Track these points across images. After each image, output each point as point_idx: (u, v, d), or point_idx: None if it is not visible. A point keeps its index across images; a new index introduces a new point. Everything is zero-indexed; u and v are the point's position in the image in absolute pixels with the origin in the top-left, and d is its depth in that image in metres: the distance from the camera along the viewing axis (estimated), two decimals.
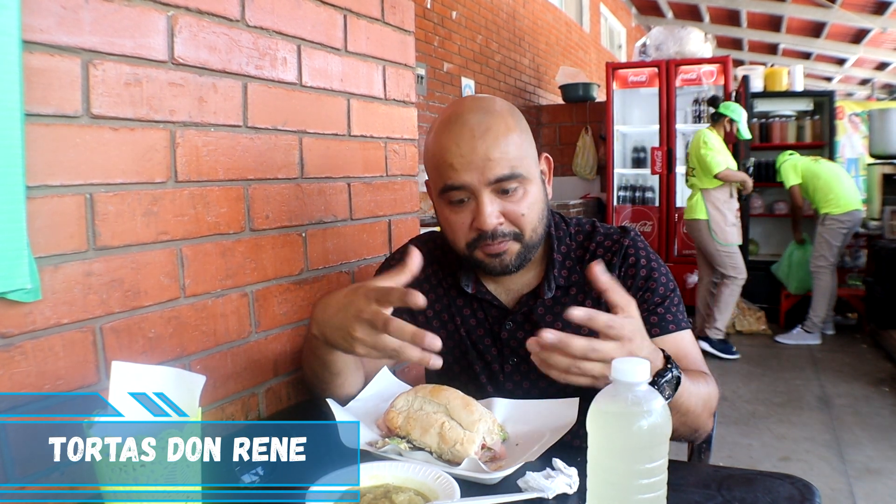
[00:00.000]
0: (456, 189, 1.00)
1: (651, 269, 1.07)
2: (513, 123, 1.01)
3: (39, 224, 0.81)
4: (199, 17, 1.02)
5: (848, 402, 3.57)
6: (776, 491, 0.81)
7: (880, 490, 2.61)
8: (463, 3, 5.47)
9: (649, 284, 1.06)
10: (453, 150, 0.98)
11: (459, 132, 0.99)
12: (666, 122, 5.59)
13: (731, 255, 4.22)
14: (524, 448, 0.93)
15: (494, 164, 0.97)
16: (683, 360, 1.02)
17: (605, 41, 10.50)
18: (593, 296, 1.06)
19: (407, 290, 0.81)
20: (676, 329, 1.04)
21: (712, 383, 1.00)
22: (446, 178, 1.00)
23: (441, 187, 1.02)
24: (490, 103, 1.03)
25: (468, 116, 0.99)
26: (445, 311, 1.15)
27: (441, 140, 1.00)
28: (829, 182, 4.47)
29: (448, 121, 1.01)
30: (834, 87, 11.28)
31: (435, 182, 1.04)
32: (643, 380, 0.66)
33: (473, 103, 1.02)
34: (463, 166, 0.98)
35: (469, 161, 0.98)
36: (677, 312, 1.05)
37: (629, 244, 1.09)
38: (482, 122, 0.99)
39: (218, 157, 1.06)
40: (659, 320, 1.04)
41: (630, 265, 1.07)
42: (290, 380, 1.23)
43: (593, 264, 0.81)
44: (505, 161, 0.98)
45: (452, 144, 0.99)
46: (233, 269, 1.10)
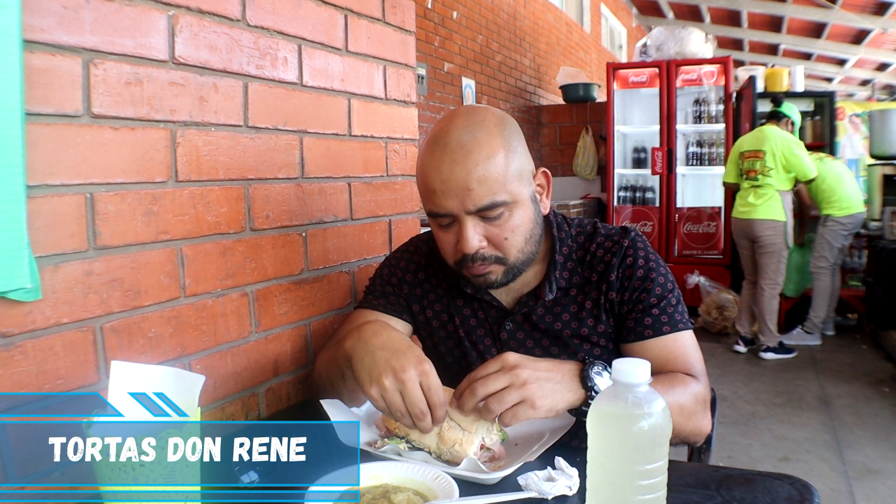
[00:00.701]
0: (440, 216, 1.00)
1: (649, 269, 1.06)
2: (499, 144, 0.98)
3: (40, 223, 0.81)
4: (200, 17, 1.02)
5: (848, 403, 3.57)
6: (775, 491, 0.81)
7: (880, 490, 2.61)
8: (463, 3, 5.47)
9: (646, 285, 1.05)
10: (434, 176, 0.97)
11: (440, 156, 0.97)
12: (666, 123, 5.59)
13: (785, 259, 4.27)
14: (524, 448, 0.93)
15: (474, 194, 0.96)
16: (672, 363, 1.02)
17: (606, 41, 10.50)
18: (592, 296, 1.07)
19: (429, 416, 0.86)
20: (671, 331, 1.03)
21: (697, 385, 0.99)
22: (430, 203, 1.00)
23: (427, 211, 1.02)
24: (478, 120, 0.99)
25: (451, 137, 0.97)
26: (445, 312, 1.15)
27: (425, 161, 0.99)
28: (833, 184, 4.46)
29: (433, 141, 0.99)
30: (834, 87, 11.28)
31: (422, 202, 1.04)
32: (643, 381, 0.66)
33: (460, 121, 0.99)
34: (444, 193, 0.97)
35: (449, 188, 0.96)
36: (674, 314, 1.04)
37: (628, 245, 1.08)
38: (465, 146, 0.96)
39: (218, 156, 1.06)
40: (653, 322, 1.04)
41: (627, 265, 1.07)
42: (290, 380, 1.23)
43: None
44: (486, 189, 0.96)
45: (434, 169, 0.97)
46: (233, 269, 1.10)
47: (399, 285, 1.17)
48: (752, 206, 4.22)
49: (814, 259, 4.60)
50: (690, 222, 5.70)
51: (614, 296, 1.06)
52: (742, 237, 4.37)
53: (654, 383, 0.94)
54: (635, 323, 1.04)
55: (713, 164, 5.68)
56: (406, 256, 1.20)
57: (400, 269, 1.18)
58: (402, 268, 1.19)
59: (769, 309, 4.28)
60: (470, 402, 0.87)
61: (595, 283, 1.08)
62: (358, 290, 1.39)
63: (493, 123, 0.99)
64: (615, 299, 1.06)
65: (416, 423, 0.86)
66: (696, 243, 5.67)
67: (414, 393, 0.84)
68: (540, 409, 0.86)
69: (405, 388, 0.84)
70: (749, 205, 4.24)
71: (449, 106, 5.26)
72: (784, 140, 4.15)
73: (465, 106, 1.03)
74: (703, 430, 1.00)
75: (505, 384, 0.86)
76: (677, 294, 1.07)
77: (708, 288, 5.13)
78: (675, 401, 0.93)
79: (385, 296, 1.17)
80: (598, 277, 1.07)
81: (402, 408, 0.85)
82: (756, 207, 4.20)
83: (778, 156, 4.14)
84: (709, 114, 5.64)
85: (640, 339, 1.04)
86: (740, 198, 4.35)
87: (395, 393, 0.85)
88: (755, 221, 4.20)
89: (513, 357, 0.89)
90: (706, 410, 1.01)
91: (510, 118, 1.04)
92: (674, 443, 0.96)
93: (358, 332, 0.92)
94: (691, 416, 0.97)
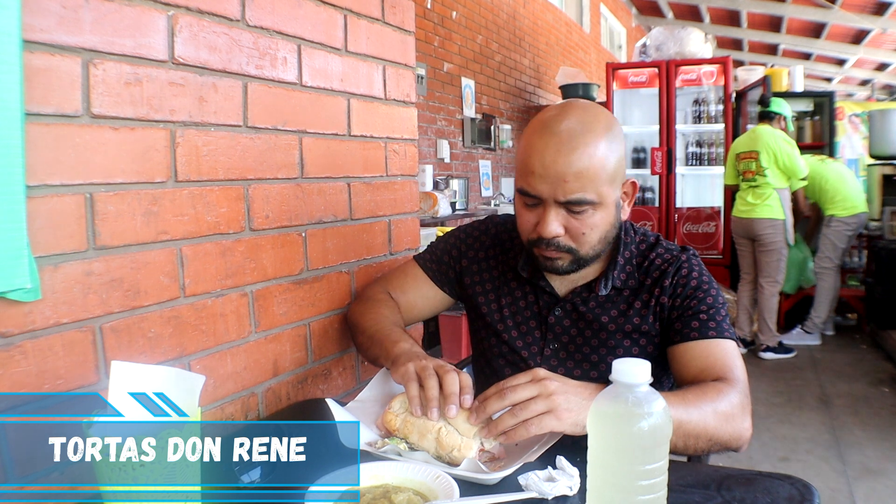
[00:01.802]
0: (529, 195, 1.05)
1: (702, 281, 1.10)
2: (604, 146, 1.02)
3: (39, 223, 0.81)
4: (200, 17, 1.02)
5: (848, 403, 3.57)
6: (776, 491, 0.81)
7: (880, 490, 2.61)
8: (463, 4, 5.47)
9: (697, 294, 1.09)
10: (536, 158, 1.01)
11: (548, 141, 1.01)
12: (666, 123, 5.59)
13: (785, 257, 4.27)
14: (524, 448, 0.93)
15: (568, 186, 1.00)
16: (712, 367, 1.02)
17: (606, 41, 10.51)
18: (643, 298, 1.12)
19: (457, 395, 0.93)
20: (717, 336, 1.04)
21: (732, 390, 0.98)
22: (524, 182, 1.05)
23: (518, 187, 1.07)
24: (590, 118, 1.03)
25: (563, 126, 1.01)
26: (494, 292, 1.23)
27: (532, 142, 1.03)
28: (836, 184, 4.46)
29: (544, 125, 1.03)
30: (834, 87, 11.28)
31: (517, 176, 1.08)
32: (643, 381, 0.66)
33: (576, 113, 1.03)
34: (540, 176, 1.01)
35: (547, 174, 1.01)
36: (722, 322, 1.06)
37: (685, 260, 1.13)
38: (573, 139, 1.00)
39: (218, 156, 1.06)
40: (700, 325, 1.06)
41: (682, 276, 1.11)
42: (290, 380, 1.23)
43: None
44: (579, 185, 1.00)
45: (539, 151, 1.02)
46: (233, 269, 1.10)
47: (458, 258, 1.28)
48: (751, 205, 4.24)
49: (818, 259, 4.60)
50: (690, 222, 5.70)
51: (666, 300, 1.10)
52: (742, 236, 4.38)
53: (688, 392, 0.95)
54: (682, 325, 1.07)
55: (712, 165, 5.68)
56: (475, 234, 1.29)
57: (465, 245, 1.28)
58: (468, 244, 1.28)
59: (769, 307, 4.29)
60: (495, 406, 0.89)
61: (648, 286, 1.12)
62: (358, 290, 1.39)
63: (602, 125, 1.03)
64: (666, 303, 1.10)
65: (445, 402, 0.92)
66: (695, 243, 5.66)
67: (436, 379, 0.95)
68: (564, 421, 0.87)
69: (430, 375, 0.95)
70: (748, 204, 4.26)
71: (449, 106, 5.26)
72: (776, 139, 4.18)
73: (581, 101, 1.09)
74: (744, 435, 0.98)
75: (533, 394, 0.88)
76: (726, 312, 1.09)
77: None
78: (713, 406, 0.93)
79: (439, 262, 1.29)
80: (653, 282, 1.12)
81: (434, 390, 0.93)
82: (755, 207, 4.22)
83: (772, 155, 4.17)
84: (708, 114, 5.64)
85: (686, 340, 1.06)
86: (739, 198, 4.36)
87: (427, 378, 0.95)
88: (755, 220, 4.22)
89: (543, 371, 0.92)
90: (745, 414, 0.98)
91: (618, 124, 1.08)
92: (715, 450, 0.96)
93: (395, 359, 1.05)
94: (729, 419, 0.95)
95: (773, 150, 4.15)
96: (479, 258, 1.26)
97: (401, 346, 1.07)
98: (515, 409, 0.88)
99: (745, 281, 4.47)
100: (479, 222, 1.31)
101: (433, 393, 0.92)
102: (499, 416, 0.89)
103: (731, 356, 1.04)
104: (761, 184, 4.20)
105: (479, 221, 1.31)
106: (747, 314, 4.50)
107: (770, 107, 4.28)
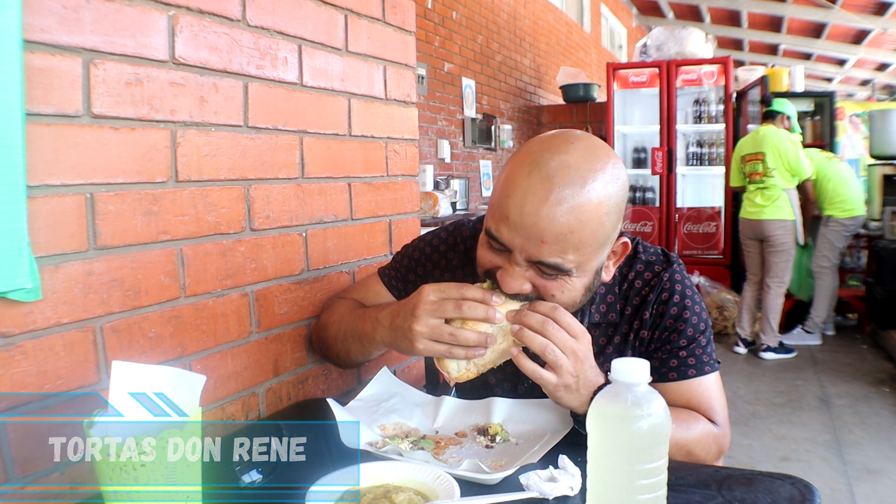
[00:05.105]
0: (497, 241, 0.90)
1: (683, 307, 1.02)
2: (601, 210, 0.86)
3: (40, 223, 0.81)
4: (200, 17, 1.02)
5: (848, 403, 3.57)
6: (776, 491, 0.81)
7: (880, 490, 2.61)
8: (464, 4, 5.47)
9: (678, 325, 1.01)
10: (514, 203, 0.86)
11: (531, 183, 0.85)
12: (666, 123, 5.60)
13: (794, 257, 4.27)
14: (524, 448, 0.93)
15: (545, 248, 0.85)
16: (693, 408, 1.01)
17: (606, 41, 10.51)
18: (622, 331, 1.04)
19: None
20: (697, 374, 1.01)
21: (714, 430, 0.99)
22: (494, 226, 0.90)
23: (486, 227, 0.92)
24: (594, 168, 0.86)
25: (554, 166, 0.85)
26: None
27: (514, 176, 0.87)
28: (838, 185, 4.47)
29: (535, 158, 0.87)
30: (834, 87, 11.28)
31: (489, 213, 0.93)
32: (643, 381, 0.66)
33: (575, 156, 0.86)
34: (515, 227, 0.86)
35: (523, 225, 0.85)
36: (702, 356, 1.01)
37: (667, 279, 1.03)
38: (563, 188, 0.84)
39: (218, 156, 1.06)
40: (679, 364, 1.01)
41: (662, 301, 1.02)
42: (290, 380, 1.23)
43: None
44: (558, 248, 0.85)
45: (518, 194, 0.85)
46: (233, 269, 1.10)
47: (424, 276, 1.15)
48: (760, 206, 4.24)
49: (815, 259, 4.60)
50: (690, 222, 5.70)
51: (645, 334, 1.03)
52: (751, 237, 4.39)
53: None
54: (661, 363, 1.01)
55: (713, 165, 5.69)
56: (442, 250, 1.16)
57: (431, 263, 1.16)
58: (434, 260, 1.16)
59: (773, 307, 4.29)
60: (529, 321, 0.88)
61: (628, 316, 1.04)
62: None
63: (604, 181, 0.86)
64: (645, 337, 1.03)
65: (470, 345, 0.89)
66: (696, 243, 5.67)
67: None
68: (558, 378, 0.89)
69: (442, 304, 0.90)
70: (757, 206, 4.26)
71: (449, 106, 5.26)
72: (780, 139, 4.17)
73: (583, 135, 0.91)
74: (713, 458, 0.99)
75: (560, 341, 0.88)
76: (708, 334, 1.04)
77: (708, 288, 5.13)
78: (682, 437, 0.94)
79: (405, 281, 1.17)
80: (632, 311, 1.04)
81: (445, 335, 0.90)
82: (765, 208, 4.22)
83: (778, 155, 4.16)
84: (709, 114, 5.65)
85: (664, 380, 1.01)
86: (747, 199, 4.37)
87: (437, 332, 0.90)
88: (765, 222, 4.23)
89: (588, 342, 0.92)
90: (718, 457, 0.99)
91: (625, 177, 0.91)
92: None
93: (373, 323, 1.01)
94: (699, 458, 0.97)
95: (779, 151, 4.15)
96: (447, 279, 1.06)
97: (380, 309, 1.01)
98: (540, 339, 0.88)
99: (751, 282, 4.48)
100: (447, 233, 1.17)
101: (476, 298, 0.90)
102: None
103: (712, 393, 1.02)
104: (769, 185, 4.20)
105: (447, 233, 1.17)
106: (750, 314, 4.50)
107: (772, 106, 4.28)
